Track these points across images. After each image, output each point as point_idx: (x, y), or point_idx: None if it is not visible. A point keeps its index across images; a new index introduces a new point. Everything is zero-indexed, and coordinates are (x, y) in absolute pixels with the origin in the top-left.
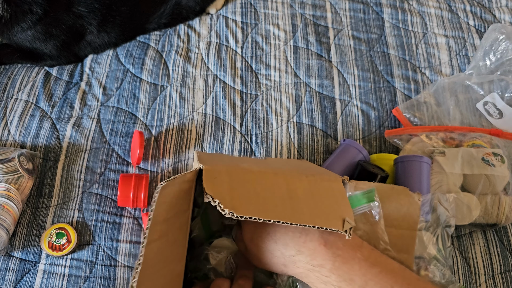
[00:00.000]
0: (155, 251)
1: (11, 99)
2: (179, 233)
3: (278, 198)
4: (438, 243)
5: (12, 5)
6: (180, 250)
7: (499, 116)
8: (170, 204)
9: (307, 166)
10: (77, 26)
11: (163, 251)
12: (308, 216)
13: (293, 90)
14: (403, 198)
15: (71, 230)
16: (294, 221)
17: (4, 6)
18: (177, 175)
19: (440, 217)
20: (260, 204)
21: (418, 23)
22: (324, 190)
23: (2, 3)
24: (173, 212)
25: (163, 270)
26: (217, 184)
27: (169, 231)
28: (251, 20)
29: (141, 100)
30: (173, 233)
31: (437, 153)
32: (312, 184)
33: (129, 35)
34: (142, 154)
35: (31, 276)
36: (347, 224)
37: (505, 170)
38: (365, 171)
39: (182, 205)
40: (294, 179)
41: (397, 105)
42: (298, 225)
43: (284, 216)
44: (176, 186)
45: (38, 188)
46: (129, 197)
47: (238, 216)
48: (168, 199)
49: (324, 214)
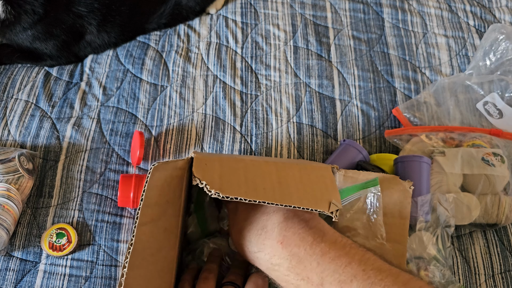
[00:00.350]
0: (147, 235)
1: (11, 99)
2: (172, 220)
3: (268, 183)
4: (438, 243)
5: (15, 6)
6: (172, 237)
7: (499, 116)
8: (162, 189)
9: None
10: (77, 26)
11: (155, 236)
12: (296, 199)
13: (293, 90)
14: (393, 186)
15: (72, 230)
16: (280, 203)
17: (8, 9)
18: (170, 160)
19: (439, 217)
20: (249, 188)
21: (418, 23)
22: (314, 177)
23: (6, 6)
24: (165, 198)
25: (155, 255)
26: (206, 170)
27: (161, 216)
28: (251, 20)
29: (141, 100)
30: (166, 219)
31: (437, 153)
32: (302, 171)
33: (129, 35)
34: (142, 154)
35: (31, 276)
36: (333, 206)
37: (505, 170)
38: (365, 171)
39: (175, 192)
40: (285, 167)
41: (397, 105)
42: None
43: (271, 198)
44: (168, 171)
45: (38, 188)
46: (129, 197)
47: (224, 196)
48: (160, 184)
49: (312, 197)
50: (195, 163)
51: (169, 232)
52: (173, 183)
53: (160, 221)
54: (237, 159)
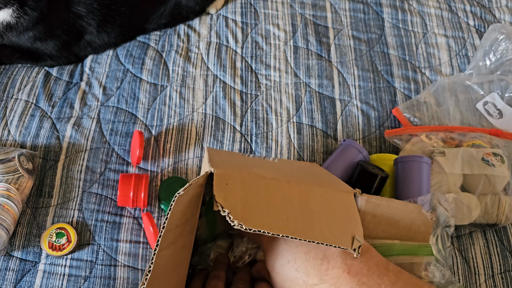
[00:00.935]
0: (165, 258)
1: (11, 99)
2: (188, 237)
3: (290, 211)
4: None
5: (23, 9)
6: (187, 253)
7: (499, 116)
8: (183, 211)
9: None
10: (77, 26)
11: (173, 257)
12: (319, 232)
13: (293, 90)
14: (415, 215)
15: (71, 230)
16: (304, 237)
17: (15, 13)
18: (192, 181)
19: (439, 217)
20: (271, 216)
21: (418, 23)
22: (337, 204)
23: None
24: (185, 218)
25: (171, 275)
26: (228, 192)
27: (179, 237)
28: (251, 20)
29: (141, 100)
30: (183, 238)
31: (437, 153)
32: (324, 196)
33: (129, 35)
34: (142, 154)
35: (31, 276)
36: (356, 243)
37: (505, 170)
38: (365, 171)
39: (193, 210)
40: (308, 189)
41: (397, 105)
42: (306, 241)
43: (294, 230)
44: (190, 192)
45: (38, 188)
46: (129, 197)
47: (246, 228)
48: (182, 207)
49: (335, 230)
50: (216, 182)
51: (185, 249)
52: (193, 201)
53: (178, 241)
54: (258, 176)
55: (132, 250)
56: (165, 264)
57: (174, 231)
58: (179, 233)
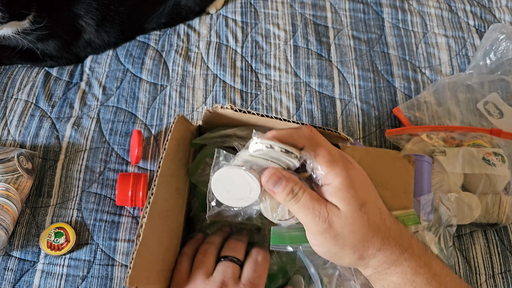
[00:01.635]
0: (163, 188)
1: (11, 99)
2: (182, 181)
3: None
4: (440, 243)
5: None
6: (181, 200)
7: (499, 116)
8: (178, 146)
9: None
10: (77, 26)
11: (169, 192)
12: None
13: (293, 89)
14: (396, 161)
15: (70, 229)
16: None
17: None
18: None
19: (441, 217)
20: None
21: (418, 23)
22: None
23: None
24: (179, 156)
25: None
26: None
27: (174, 174)
28: (251, 20)
29: (141, 99)
30: (178, 179)
31: (437, 152)
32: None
33: (129, 35)
34: (140, 153)
35: (29, 276)
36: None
37: (506, 170)
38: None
39: (184, 153)
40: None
41: (397, 104)
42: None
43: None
44: (183, 130)
45: (37, 188)
46: (127, 196)
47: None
48: (177, 138)
49: None
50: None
51: (180, 193)
52: (185, 144)
53: (174, 178)
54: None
55: (130, 250)
56: (163, 196)
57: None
58: (174, 169)
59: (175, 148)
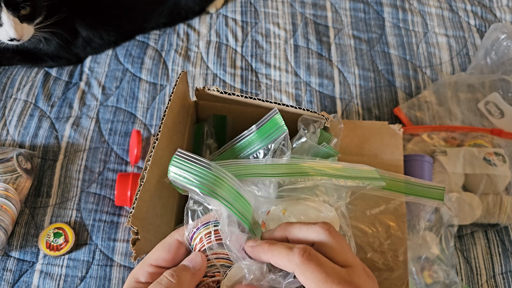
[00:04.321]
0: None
1: (10, 99)
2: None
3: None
4: (441, 243)
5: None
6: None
7: (500, 116)
8: (179, 107)
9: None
10: (77, 26)
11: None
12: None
13: (293, 89)
14: (384, 131)
15: (69, 230)
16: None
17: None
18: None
19: (443, 217)
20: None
21: (418, 22)
22: None
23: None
24: (179, 119)
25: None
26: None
27: (174, 135)
28: (251, 19)
29: (140, 99)
30: (177, 139)
31: (438, 152)
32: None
33: (128, 35)
34: (140, 153)
35: (28, 276)
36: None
37: (507, 170)
38: None
39: (183, 119)
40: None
41: (398, 104)
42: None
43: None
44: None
45: (36, 188)
46: (126, 196)
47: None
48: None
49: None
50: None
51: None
52: (184, 111)
53: (174, 138)
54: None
55: (128, 250)
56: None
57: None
58: (175, 129)
59: (177, 107)
